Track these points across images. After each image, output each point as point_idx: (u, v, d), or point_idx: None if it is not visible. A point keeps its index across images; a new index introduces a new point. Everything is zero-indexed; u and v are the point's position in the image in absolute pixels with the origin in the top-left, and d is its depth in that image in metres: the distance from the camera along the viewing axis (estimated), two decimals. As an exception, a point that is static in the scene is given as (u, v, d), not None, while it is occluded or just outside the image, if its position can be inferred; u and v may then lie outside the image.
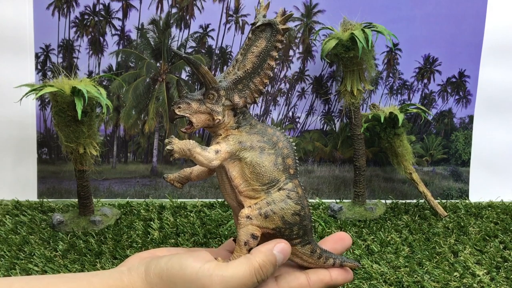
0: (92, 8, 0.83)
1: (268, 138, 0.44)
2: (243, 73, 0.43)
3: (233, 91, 0.43)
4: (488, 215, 0.80)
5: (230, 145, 0.43)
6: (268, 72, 0.43)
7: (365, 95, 0.87)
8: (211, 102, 0.43)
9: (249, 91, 0.44)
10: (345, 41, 0.75)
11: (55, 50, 0.84)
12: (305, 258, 0.45)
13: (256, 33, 0.43)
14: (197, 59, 0.86)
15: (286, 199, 0.43)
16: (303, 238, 0.44)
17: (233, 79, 0.43)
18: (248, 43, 0.43)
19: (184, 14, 0.84)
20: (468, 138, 0.90)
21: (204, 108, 0.43)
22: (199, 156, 0.43)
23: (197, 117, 0.43)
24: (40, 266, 0.63)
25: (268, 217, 0.42)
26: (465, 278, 0.60)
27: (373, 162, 0.89)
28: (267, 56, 0.43)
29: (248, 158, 0.43)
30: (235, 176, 0.44)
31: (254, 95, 0.44)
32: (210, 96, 0.43)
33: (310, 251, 0.44)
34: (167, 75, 0.86)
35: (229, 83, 0.43)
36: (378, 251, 0.67)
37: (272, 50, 0.43)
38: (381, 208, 0.82)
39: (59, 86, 0.70)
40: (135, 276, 0.40)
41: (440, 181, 0.90)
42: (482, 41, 0.87)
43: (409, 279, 0.59)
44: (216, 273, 0.39)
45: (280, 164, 0.44)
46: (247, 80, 0.43)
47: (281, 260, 0.41)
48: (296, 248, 0.44)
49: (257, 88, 0.43)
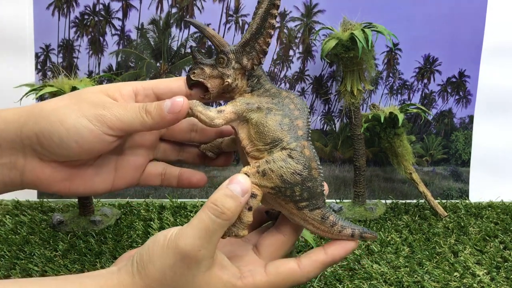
0: (92, 8, 0.83)
1: (279, 100, 0.45)
2: (250, 35, 0.44)
3: (242, 54, 0.44)
4: (488, 215, 0.80)
5: (236, 106, 0.44)
6: (269, 30, 0.44)
7: (365, 95, 0.87)
8: (222, 66, 0.44)
9: (255, 52, 0.44)
10: (345, 41, 0.75)
11: (55, 50, 0.84)
12: (316, 224, 0.43)
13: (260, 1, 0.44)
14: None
15: (286, 158, 0.42)
16: (310, 202, 0.43)
17: (242, 42, 0.44)
18: (257, 7, 0.44)
19: (184, 14, 0.84)
20: (468, 138, 0.90)
21: (216, 73, 0.44)
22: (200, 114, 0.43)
23: (212, 82, 0.44)
24: (40, 266, 0.63)
25: (266, 175, 0.42)
26: (465, 278, 0.60)
27: (373, 162, 0.89)
28: (268, 14, 0.43)
29: (254, 119, 0.44)
30: (242, 138, 0.44)
31: (259, 56, 0.44)
32: (221, 59, 0.45)
33: (320, 217, 0.43)
34: (167, 75, 0.86)
35: (238, 46, 0.44)
36: (378, 251, 0.67)
37: (271, 8, 0.43)
38: (381, 208, 0.82)
39: (59, 86, 0.70)
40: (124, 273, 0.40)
41: (440, 181, 0.90)
42: (482, 41, 0.87)
43: (409, 279, 0.59)
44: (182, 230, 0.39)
45: (286, 124, 0.43)
46: (253, 41, 0.44)
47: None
48: (304, 213, 0.43)
49: (262, 48, 0.44)
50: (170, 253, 0.38)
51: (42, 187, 0.46)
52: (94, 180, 0.48)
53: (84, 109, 0.43)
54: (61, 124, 0.42)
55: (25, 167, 0.45)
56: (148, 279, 0.39)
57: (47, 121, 0.43)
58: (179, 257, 0.38)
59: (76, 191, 0.48)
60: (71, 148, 0.43)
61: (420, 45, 0.87)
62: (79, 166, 0.47)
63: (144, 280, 0.39)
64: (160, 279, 0.39)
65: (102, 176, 0.49)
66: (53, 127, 0.42)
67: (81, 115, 0.42)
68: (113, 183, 0.49)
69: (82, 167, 0.47)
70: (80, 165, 0.47)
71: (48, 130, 0.42)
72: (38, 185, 0.46)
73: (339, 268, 0.62)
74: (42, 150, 0.44)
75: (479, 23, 0.86)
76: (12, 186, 0.47)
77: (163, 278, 0.39)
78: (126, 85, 0.47)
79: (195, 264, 0.38)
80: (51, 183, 0.46)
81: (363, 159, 0.82)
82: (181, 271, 0.38)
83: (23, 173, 0.46)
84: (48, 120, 0.43)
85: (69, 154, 0.44)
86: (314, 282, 0.58)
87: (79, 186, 0.47)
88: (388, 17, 0.84)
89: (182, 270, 0.38)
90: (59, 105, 0.44)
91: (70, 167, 0.46)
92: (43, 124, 0.43)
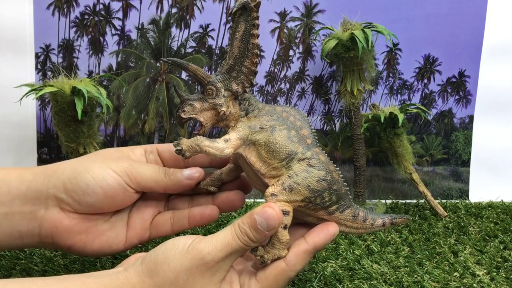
0: (92, 8, 0.83)
1: (278, 115, 0.45)
2: (233, 60, 0.44)
3: (229, 80, 0.44)
4: (488, 215, 0.80)
5: (239, 132, 0.44)
6: (254, 51, 0.44)
7: (365, 95, 0.87)
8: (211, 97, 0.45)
9: (243, 76, 0.44)
10: (345, 41, 0.75)
11: (55, 50, 0.84)
12: (349, 224, 0.44)
13: (235, 20, 0.44)
14: (197, 59, 0.86)
15: (307, 168, 0.43)
16: (339, 204, 0.43)
17: (226, 69, 0.44)
18: (232, 32, 0.44)
19: (184, 14, 0.84)
20: (468, 138, 0.90)
21: (207, 105, 0.44)
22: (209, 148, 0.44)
23: (204, 115, 0.44)
24: (40, 266, 0.63)
25: (293, 190, 0.42)
26: (465, 278, 0.60)
27: (373, 162, 0.89)
28: (249, 36, 0.43)
29: (261, 140, 0.44)
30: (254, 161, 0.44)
31: (249, 77, 0.44)
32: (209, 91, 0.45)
33: (352, 215, 0.44)
34: (167, 75, 0.86)
35: (223, 74, 0.44)
36: (378, 251, 0.67)
37: (252, 29, 0.43)
38: (381, 208, 0.82)
39: (59, 86, 0.70)
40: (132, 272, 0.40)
41: (440, 181, 0.90)
42: (482, 41, 0.87)
43: (409, 279, 0.59)
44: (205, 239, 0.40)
45: (294, 136, 0.44)
46: (239, 65, 0.44)
47: (262, 223, 0.41)
48: (335, 216, 0.43)
49: (250, 69, 0.44)
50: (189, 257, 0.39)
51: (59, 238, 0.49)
52: (109, 235, 0.50)
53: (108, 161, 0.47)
54: (87, 172, 0.46)
55: (45, 217, 0.47)
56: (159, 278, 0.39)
57: (74, 170, 0.47)
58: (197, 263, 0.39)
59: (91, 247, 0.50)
60: (96, 193, 0.46)
61: (420, 45, 0.87)
62: (96, 221, 0.49)
63: (154, 280, 0.39)
64: (172, 280, 0.39)
65: (116, 231, 0.51)
66: (79, 174, 0.46)
67: (106, 165, 0.47)
68: (126, 239, 0.51)
69: (99, 222, 0.50)
70: (97, 219, 0.50)
71: (75, 177, 0.46)
72: (55, 236, 0.48)
73: (339, 268, 0.62)
74: (67, 197, 0.46)
75: (479, 23, 0.86)
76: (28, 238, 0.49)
77: (176, 279, 0.39)
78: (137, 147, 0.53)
79: (210, 273, 0.40)
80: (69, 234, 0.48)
81: (363, 159, 0.82)
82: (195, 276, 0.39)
83: (41, 224, 0.48)
84: (75, 169, 0.47)
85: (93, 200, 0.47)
86: (314, 282, 0.58)
87: (95, 241, 0.49)
88: (388, 17, 0.84)
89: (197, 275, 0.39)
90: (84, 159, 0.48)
91: (88, 220, 0.49)
92: (71, 173, 0.46)
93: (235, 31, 0.44)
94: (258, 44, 0.44)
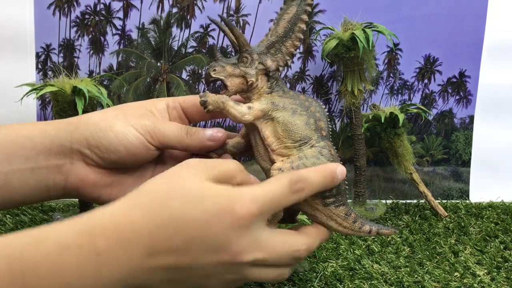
0: (93, 7, 0.83)
1: (301, 102, 0.46)
2: (276, 38, 0.45)
3: (266, 55, 0.45)
4: (489, 215, 0.80)
5: (263, 104, 0.45)
6: (299, 34, 0.45)
7: (366, 95, 0.87)
8: (244, 66, 0.45)
9: (281, 55, 0.45)
10: (345, 41, 0.75)
11: (56, 50, 0.84)
12: (340, 221, 0.45)
13: (287, 2, 0.45)
14: (197, 59, 0.86)
15: (318, 155, 0.44)
16: (337, 198, 0.44)
17: (266, 44, 0.45)
18: (280, 13, 0.45)
19: (185, 14, 0.84)
20: (468, 138, 0.90)
21: (238, 72, 0.45)
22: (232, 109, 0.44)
23: (232, 80, 0.45)
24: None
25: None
26: (466, 278, 0.60)
27: (373, 162, 0.89)
28: (298, 19, 0.45)
29: (280, 118, 0.45)
30: (267, 135, 0.45)
31: (285, 58, 0.45)
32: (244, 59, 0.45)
33: (344, 213, 0.45)
34: (168, 75, 0.86)
35: (262, 48, 0.45)
36: (379, 251, 0.67)
37: (302, 13, 0.45)
38: (381, 208, 0.82)
39: (60, 86, 0.70)
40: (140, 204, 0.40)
41: (440, 181, 0.90)
42: (483, 41, 0.87)
43: (409, 279, 0.59)
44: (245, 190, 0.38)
45: (312, 124, 0.45)
46: (279, 44, 0.45)
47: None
48: (330, 209, 0.45)
49: (289, 50, 0.45)
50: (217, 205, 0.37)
51: (85, 191, 0.49)
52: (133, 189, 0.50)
53: (130, 119, 0.47)
54: (110, 130, 0.46)
55: (70, 171, 0.48)
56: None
57: (96, 126, 0.47)
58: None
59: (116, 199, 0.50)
60: (119, 151, 0.46)
61: (420, 45, 0.87)
62: (121, 175, 0.50)
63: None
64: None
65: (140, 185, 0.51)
66: (102, 132, 0.46)
67: (128, 123, 0.47)
68: None
69: (123, 176, 0.50)
70: (122, 173, 0.50)
71: (98, 135, 0.46)
72: (80, 189, 0.49)
73: (339, 268, 0.62)
74: (91, 153, 0.47)
75: (479, 23, 0.86)
76: (54, 191, 0.49)
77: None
78: (160, 100, 0.52)
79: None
80: (94, 188, 0.49)
81: (364, 159, 0.82)
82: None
83: (67, 177, 0.48)
84: (98, 126, 0.47)
85: (116, 158, 0.47)
86: (314, 282, 0.58)
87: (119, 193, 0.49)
88: (389, 17, 0.84)
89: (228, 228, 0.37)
90: (106, 115, 0.48)
91: (113, 174, 0.49)
92: (93, 129, 0.47)
93: (284, 13, 0.45)
94: (304, 30, 0.46)
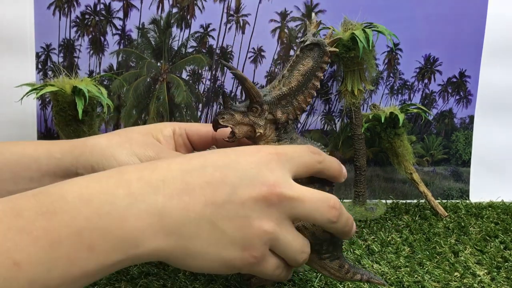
0: (93, 7, 0.83)
1: None
2: (288, 90, 0.44)
3: (276, 106, 0.44)
4: (489, 215, 0.80)
5: None
6: (312, 91, 0.44)
7: (366, 95, 0.87)
8: (254, 115, 0.44)
9: (291, 108, 0.44)
10: (345, 41, 0.75)
11: (56, 50, 0.84)
12: (333, 272, 0.46)
13: (304, 51, 0.44)
14: (197, 59, 0.86)
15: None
16: (332, 254, 0.45)
17: (277, 95, 0.44)
18: (296, 60, 0.44)
19: (185, 14, 0.84)
20: (468, 138, 0.90)
21: (247, 120, 0.44)
22: None
23: (240, 128, 0.45)
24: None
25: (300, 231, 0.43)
26: (466, 278, 0.60)
27: (373, 162, 0.89)
28: (313, 76, 0.44)
29: None
30: None
31: (296, 112, 0.44)
32: (254, 109, 0.44)
33: (338, 266, 0.46)
34: (168, 75, 0.86)
35: (273, 98, 0.44)
36: (379, 251, 0.67)
37: (318, 70, 0.44)
38: (381, 208, 0.82)
39: (60, 86, 0.70)
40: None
41: (440, 181, 0.90)
42: (483, 41, 0.87)
43: (409, 279, 0.59)
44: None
45: None
46: (291, 97, 0.44)
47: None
48: (324, 262, 0.46)
49: (300, 105, 0.44)
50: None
51: None
52: None
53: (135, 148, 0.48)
54: (114, 159, 0.47)
55: None
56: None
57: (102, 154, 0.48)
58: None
59: None
60: None
61: (420, 45, 0.87)
62: None
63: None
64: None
65: None
66: (107, 160, 0.47)
67: (133, 153, 0.48)
68: None
69: None
70: None
71: (103, 162, 0.47)
72: None
73: (339, 268, 0.62)
74: None
75: (479, 23, 0.86)
76: None
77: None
78: (167, 126, 0.53)
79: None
80: None
81: (364, 159, 0.82)
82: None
83: None
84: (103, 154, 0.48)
85: None
86: (314, 282, 0.58)
87: None
88: (389, 17, 0.84)
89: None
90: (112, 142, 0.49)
91: None
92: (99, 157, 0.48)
93: (298, 62, 0.44)
94: (318, 87, 0.45)
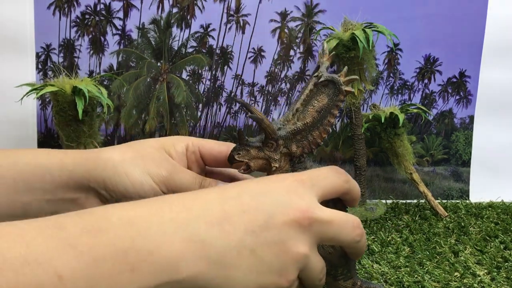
0: (93, 7, 0.83)
1: None
2: (303, 125, 0.44)
3: (291, 141, 0.45)
4: (489, 215, 0.80)
5: None
6: (327, 128, 0.44)
7: (366, 95, 0.87)
8: (269, 150, 0.45)
9: (307, 142, 0.45)
10: (346, 41, 0.75)
11: (56, 50, 0.84)
12: None
13: (318, 87, 0.44)
14: (197, 59, 0.86)
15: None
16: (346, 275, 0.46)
17: (292, 130, 0.44)
18: (310, 95, 0.44)
19: (185, 14, 0.84)
20: (468, 138, 0.90)
21: (262, 155, 0.45)
22: None
23: (255, 162, 0.45)
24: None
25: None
26: (466, 278, 0.60)
27: (373, 162, 0.89)
28: (328, 113, 0.44)
29: None
30: None
31: (311, 146, 0.45)
32: (269, 145, 0.45)
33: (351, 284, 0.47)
34: (168, 75, 0.86)
35: (288, 133, 0.44)
36: (379, 251, 0.67)
37: (333, 108, 0.44)
38: (381, 208, 0.82)
39: (60, 86, 0.70)
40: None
41: (440, 181, 0.90)
42: (483, 41, 0.87)
43: (409, 279, 0.59)
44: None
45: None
46: (306, 132, 0.44)
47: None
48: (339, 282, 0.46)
49: (316, 141, 0.45)
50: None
51: None
52: None
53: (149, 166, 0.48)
54: (127, 177, 0.47)
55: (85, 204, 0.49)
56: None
57: (114, 171, 0.48)
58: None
59: None
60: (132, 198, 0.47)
61: (420, 45, 0.87)
62: None
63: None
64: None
65: None
66: (120, 177, 0.47)
67: (146, 171, 0.48)
68: None
69: None
70: None
71: (115, 179, 0.47)
72: None
73: (339, 268, 0.62)
74: (106, 193, 0.48)
75: (479, 23, 0.86)
76: None
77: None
78: (180, 141, 0.52)
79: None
80: None
81: (364, 159, 0.82)
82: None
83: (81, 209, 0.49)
84: (116, 170, 0.48)
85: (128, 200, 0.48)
86: (314, 282, 0.58)
87: None
88: (389, 17, 0.84)
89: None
90: (125, 158, 0.49)
91: None
92: (111, 173, 0.48)
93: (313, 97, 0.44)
94: (334, 123, 0.45)
